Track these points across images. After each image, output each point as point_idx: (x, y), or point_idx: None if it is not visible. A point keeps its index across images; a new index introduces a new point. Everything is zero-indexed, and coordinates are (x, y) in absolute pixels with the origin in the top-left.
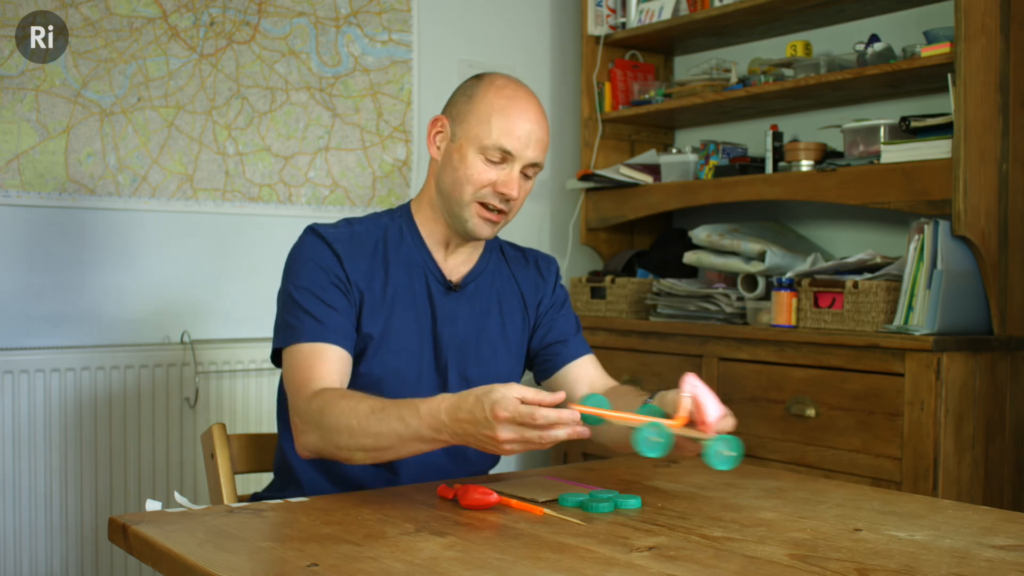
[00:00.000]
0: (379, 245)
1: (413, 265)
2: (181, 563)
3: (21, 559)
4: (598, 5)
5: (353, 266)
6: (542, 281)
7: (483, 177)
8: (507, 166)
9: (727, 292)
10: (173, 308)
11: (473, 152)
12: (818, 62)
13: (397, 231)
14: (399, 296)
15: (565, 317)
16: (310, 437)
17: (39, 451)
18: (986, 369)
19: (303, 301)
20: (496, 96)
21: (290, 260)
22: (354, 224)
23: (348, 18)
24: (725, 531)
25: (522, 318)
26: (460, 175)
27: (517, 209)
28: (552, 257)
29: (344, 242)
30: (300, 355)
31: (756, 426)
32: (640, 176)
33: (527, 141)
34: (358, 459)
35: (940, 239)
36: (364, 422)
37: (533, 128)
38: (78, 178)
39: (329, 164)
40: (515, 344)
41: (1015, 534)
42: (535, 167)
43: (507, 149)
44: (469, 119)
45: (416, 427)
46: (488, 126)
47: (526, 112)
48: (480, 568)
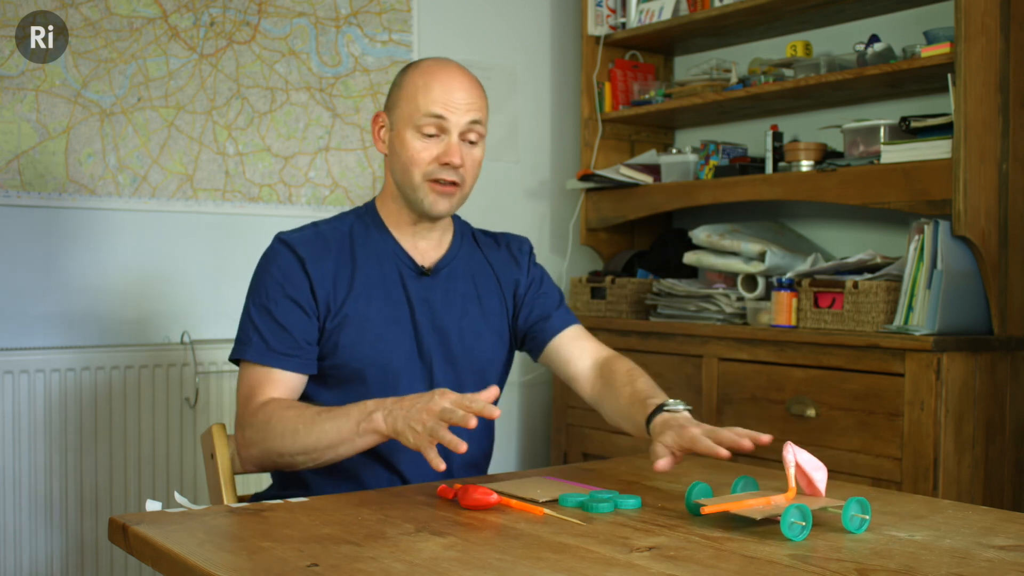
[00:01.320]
0: (345, 241)
1: (382, 255)
2: (181, 563)
3: (21, 559)
4: (598, 5)
5: (318, 267)
6: (515, 263)
7: (425, 154)
8: (445, 136)
9: (727, 292)
10: (173, 308)
11: (410, 132)
12: (818, 62)
13: (363, 226)
14: (371, 287)
15: (546, 294)
16: (253, 450)
17: (39, 451)
18: (986, 369)
19: (256, 317)
20: (419, 74)
21: (255, 269)
22: (320, 225)
23: (348, 18)
24: (725, 531)
25: (499, 300)
26: (404, 159)
27: (472, 178)
28: (524, 238)
29: (308, 243)
30: (246, 372)
31: (756, 426)
32: (640, 176)
33: (456, 104)
34: (300, 462)
35: (940, 239)
36: (305, 426)
37: (460, 91)
38: (78, 178)
39: (329, 164)
40: (497, 326)
41: (1015, 534)
42: (475, 130)
43: (436, 113)
44: (400, 103)
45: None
46: (415, 102)
47: (449, 78)
48: (480, 568)
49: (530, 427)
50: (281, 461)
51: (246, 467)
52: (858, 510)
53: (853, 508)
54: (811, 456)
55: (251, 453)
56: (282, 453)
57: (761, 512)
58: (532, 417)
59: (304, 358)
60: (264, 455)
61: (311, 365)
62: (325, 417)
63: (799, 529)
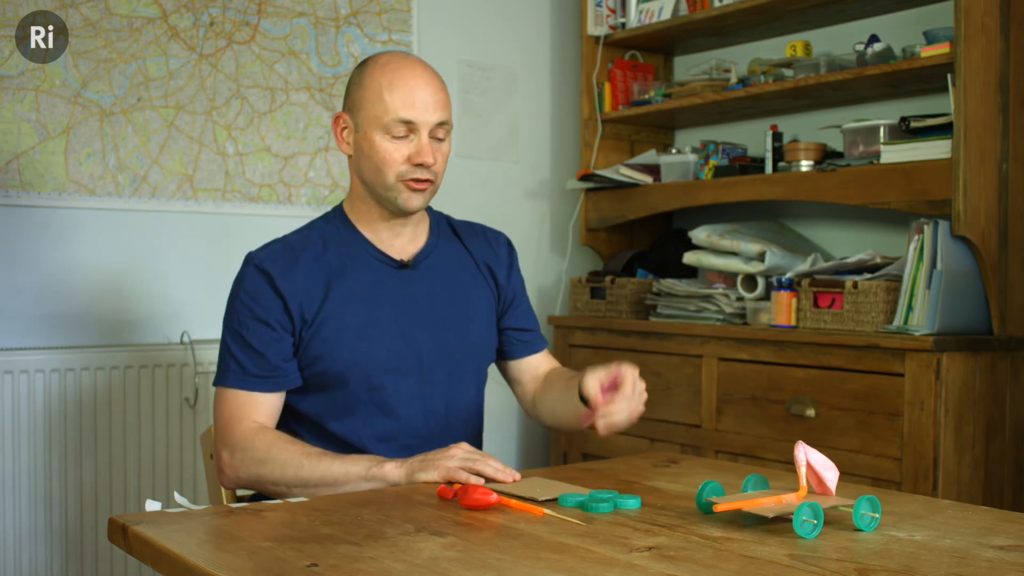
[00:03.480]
0: (316, 248)
1: (356, 257)
2: (181, 563)
3: (21, 559)
4: (598, 5)
5: (287, 280)
6: (492, 251)
7: (396, 155)
8: (415, 136)
9: (727, 292)
10: (173, 308)
11: (379, 134)
12: (818, 62)
13: (334, 230)
14: (348, 291)
15: (528, 307)
16: (241, 472)
17: (39, 451)
18: (986, 369)
19: (231, 343)
20: (381, 74)
21: (229, 295)
22: (288, 237)
23: (348, 18)
24: (725, 531)
25: (485, 286)
26: (375, 161)
27: (442, 173)
28: (500, 232)
29: (275, 258)
30: (226, 397)
31: (756, 426)
32: (640, 176)
33: (423, 105)
34: (294, 492)
35: (940, 239)
36: (310, 463)
37: (426, 91)
38: (78, 178)
39: (329, 164)
40: (485, 313)
41: (1015, 534)
42: (443, 127)
43: (406, 119)
44: (364, 104)
45: (356, 464)
46: (383, 104)
47: (414, 78)
48: (480, 568)
49: (530, 427)
50: (272, 488)
51: (226, 485)
52: (869, 508)
53: (864, 507)
54: (822, 455)
55: (238, 475)
56: (277, 482)
57: (773, 510)
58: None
59: (282, 377)
60: (254, 480)
61: (292, 379)
62: (332, 458)
63: (811, 527)
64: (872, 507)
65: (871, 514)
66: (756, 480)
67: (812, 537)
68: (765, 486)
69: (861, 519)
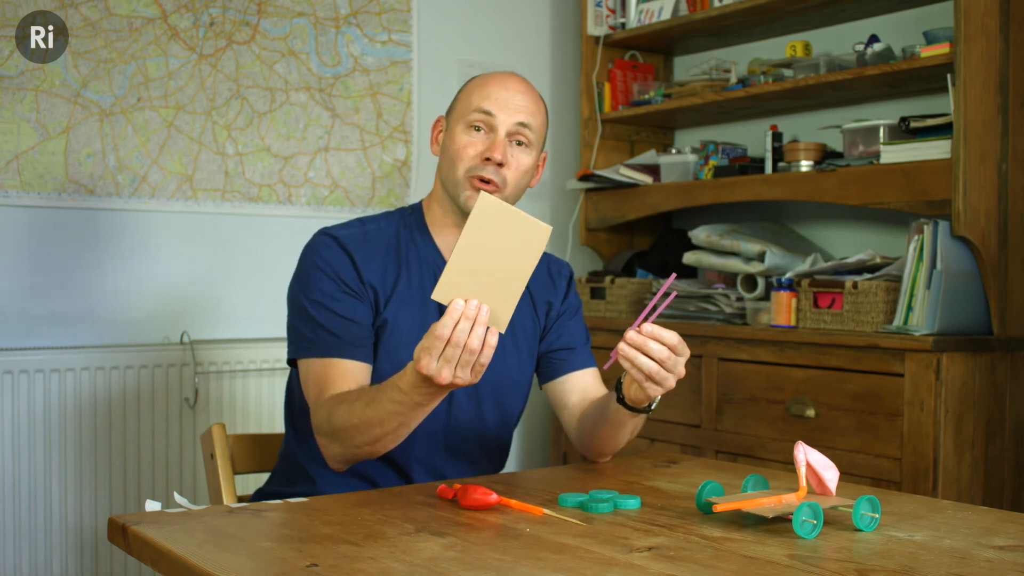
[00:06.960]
0: (391, 243)
1: (423, 262)
2: (181, 563)
3: (21, 559)
4: (598, 5)
5: (367, 266)
6: (552, 285)
7: (470, 149)
8: (492, 133)
9: (727, 292)
10: (173, 308)
11: (460, 127)
12: (818, 62)
13: (408, 230)
14: (410, 294)
15: (576, 326)
16: (333, 448)
17: (39, 451)
18: (986, 369)
19: (317, 315)
20: (481, 78)
21: (302, 265)
22: (367, 223)
23: (348, 18)
24: (725, 531)
25: (532, 319)
26: (450, 154)
27: (513, 182)
28: (565, 262)
29: (357, 242)
30: (314, 370)
31: (756, 426)
32: (640, 176)
33: (506, 101)
34: (380, 449)
35: (940, 239)
36: (363, 415)
37: (512, 90)
38: (78, 178)
39: (329, 164)
40: (524, 343)
41: (1015, 534)
42: (524, 133)
43: (485, 109)
44: (458, 105)
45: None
46: (470, 99)
47: (507, 79)
48: (480, 568)
49: (530, 427)
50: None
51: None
52: (868, 508)
53: (864, 507)
54: (822, 455)
55: (333, 452)
56: (359, 446)
57: (773, 511)
58: (532, 417)
59: (371, 345)
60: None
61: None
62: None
63: (811, 527)
64: (872, 507)
65: (871, 514)
66: (756, 480)
67: (812, 537)
68: (765, 486)
69: (861, 519)
